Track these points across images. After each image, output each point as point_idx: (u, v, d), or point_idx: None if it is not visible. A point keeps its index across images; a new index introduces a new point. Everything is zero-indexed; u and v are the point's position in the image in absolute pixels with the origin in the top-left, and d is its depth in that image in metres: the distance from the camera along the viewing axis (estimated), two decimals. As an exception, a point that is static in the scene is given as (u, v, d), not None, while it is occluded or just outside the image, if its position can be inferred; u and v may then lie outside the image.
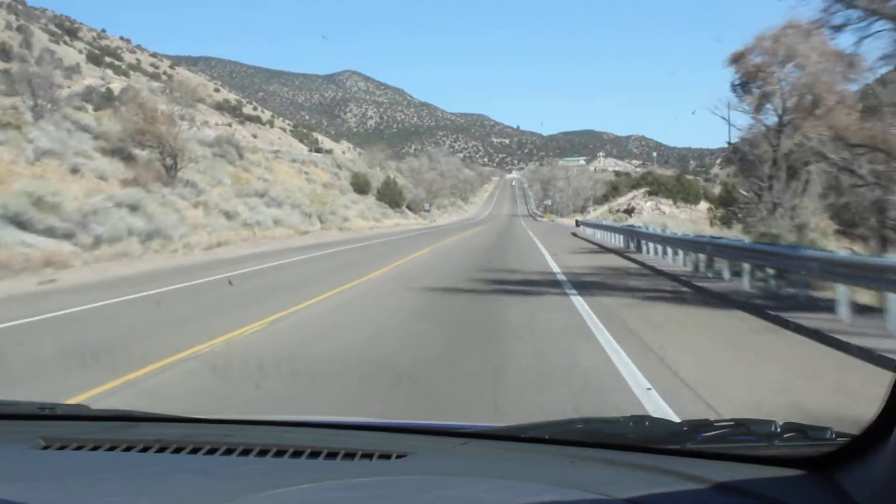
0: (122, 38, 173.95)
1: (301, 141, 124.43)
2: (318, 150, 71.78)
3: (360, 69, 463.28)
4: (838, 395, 4.89)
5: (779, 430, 1.40)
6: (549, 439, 1.56)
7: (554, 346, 6.57)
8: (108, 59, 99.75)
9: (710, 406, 4.35)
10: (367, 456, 1.45)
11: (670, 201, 61.75)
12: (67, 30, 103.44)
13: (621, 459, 1.40)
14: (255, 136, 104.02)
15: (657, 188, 66.19)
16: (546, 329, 7.43)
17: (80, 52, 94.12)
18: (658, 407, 4.33)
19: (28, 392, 4.40)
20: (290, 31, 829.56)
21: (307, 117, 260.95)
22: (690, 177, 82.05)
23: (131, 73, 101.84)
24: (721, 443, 1.42)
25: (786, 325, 7.70)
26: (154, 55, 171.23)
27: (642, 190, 68.31)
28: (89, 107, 44.62)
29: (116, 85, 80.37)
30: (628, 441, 1.49)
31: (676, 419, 3.11)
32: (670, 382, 5.04)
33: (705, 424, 1.49)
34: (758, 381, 5.31)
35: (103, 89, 74.55)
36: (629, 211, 59.08)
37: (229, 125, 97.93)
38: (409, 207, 58.77)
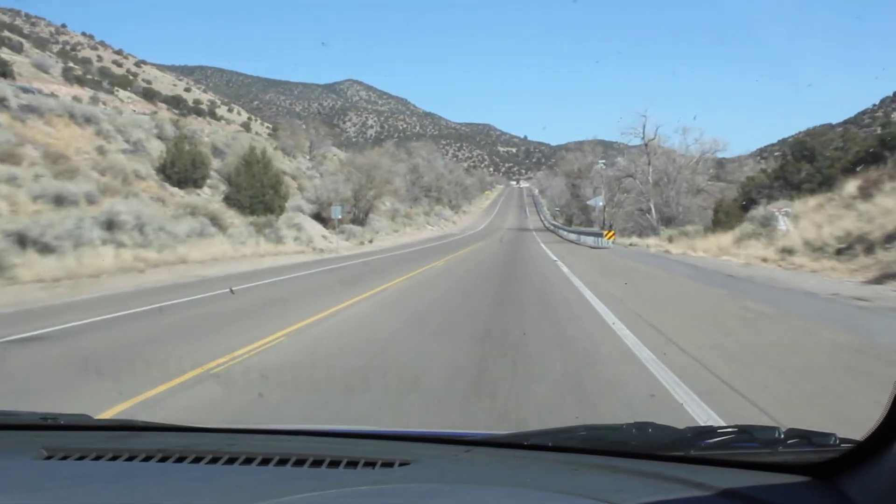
0: (83, 34, 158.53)
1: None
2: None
3: (363, 78, 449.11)
4: None
5: (782, 436, 1.36)
6: (553, 447, 1.51)
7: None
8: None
9: None
10: (370, 464, 1.42)
11: None
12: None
13: (625, 466, 1.36)
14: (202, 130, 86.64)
15: None
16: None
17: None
18: None
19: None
20: (293, 41, 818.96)
21: (303, 126, 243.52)
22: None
23: (35, 51, 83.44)
24: (725, 449, 1.38)
25: None
26: (119, 52, 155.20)
27: None
28: None
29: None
30: (631, 448, 1.44)
31: None
32: None
33: (709, 431, 1.45)
34: None
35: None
36: None
37: (154, 112, 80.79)
38: (318, 216, 35.78)
